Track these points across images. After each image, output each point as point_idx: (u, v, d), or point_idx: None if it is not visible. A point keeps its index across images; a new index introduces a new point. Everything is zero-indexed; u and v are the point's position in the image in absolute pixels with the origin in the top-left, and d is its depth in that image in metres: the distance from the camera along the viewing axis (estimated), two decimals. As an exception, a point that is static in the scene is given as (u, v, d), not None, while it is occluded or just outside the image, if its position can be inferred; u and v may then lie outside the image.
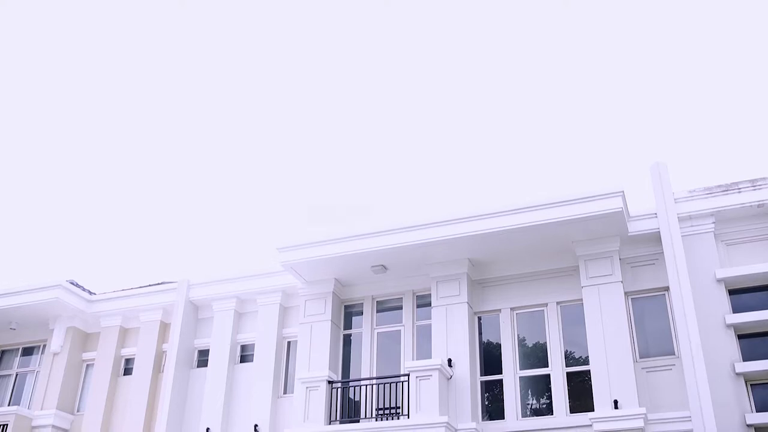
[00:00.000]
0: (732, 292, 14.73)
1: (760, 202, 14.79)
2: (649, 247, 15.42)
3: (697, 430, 13.32)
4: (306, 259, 16.76)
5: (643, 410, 13.87)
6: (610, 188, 14.73)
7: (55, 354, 19.98)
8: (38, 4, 44.96)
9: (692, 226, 15.18)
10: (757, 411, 13.58)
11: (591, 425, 14.19)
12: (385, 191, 47.83)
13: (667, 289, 15.05)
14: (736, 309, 14.49)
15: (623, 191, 14.69)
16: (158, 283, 20.39)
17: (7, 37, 44.04)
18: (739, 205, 14.93)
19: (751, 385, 13.89)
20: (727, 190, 15.06)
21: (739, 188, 14.97)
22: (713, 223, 15.13)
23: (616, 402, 14.12)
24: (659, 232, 15.13)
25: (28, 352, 21.03)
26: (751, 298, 14.57)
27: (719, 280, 14.67)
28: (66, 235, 50.19)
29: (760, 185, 14.84)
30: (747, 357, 14.01)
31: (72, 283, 20.05)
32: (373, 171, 48.61)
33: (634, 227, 15.36)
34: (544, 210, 15.05)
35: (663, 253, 15.01)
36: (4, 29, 43.09)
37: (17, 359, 21.04)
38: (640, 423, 13.81)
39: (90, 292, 20.43)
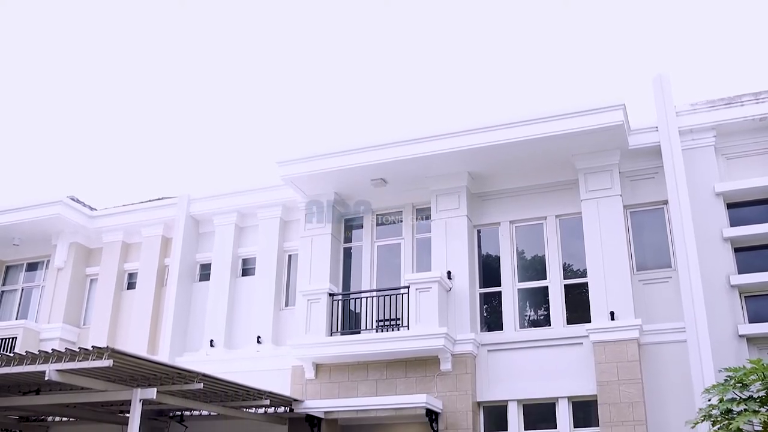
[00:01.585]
0: (730, 206, 14.77)
1: (763, 116, 14.67)
2: (649, 160, 15.38)
3: (691, 341, 13.59)
4: (305, 173, 16.74)
5: (638, 321, 14.12)
6: (611, 101, 14.57)
7: (59, 269, 20.23)
8: None
9: (693, 139, 15.11)
10: (749, 322, 13.84)
11: (587, 336, 14.47)
12: (385, 104, 47.42)
13: (665, 202, 15.10)
14: (734, 222, 14.57)
15: (624, 104, 14.56)
16: (159, 198, 20.45)
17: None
18: (741, 119, 14.82)
19: (745, 297, 14.10)
20: (729, 104, 14.92)
21: (742, 101, 14.83)
22: (714, 136, 15.05)
23: (612, 313, 14.35)
24: (660, 145, 15.07)
25: (32, 267, 21.29)
26: (749, 212, 14.63)
27: (718, 194, 14.70)
28: (67, 151, 50.06)
29: (763, 98, 14.69)
30: (742, 270, 14.17)
31: (73, 199, 20.12)
32: (373, 84, 48.07)
33: (635, 140, 15.28)
34: (544, 123, 14.93)
35: (663, 166, 14.98)
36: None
37: (22, 274, 21.32)
38: (635, 334, 14.08)
39: (91, 208, 20.51)
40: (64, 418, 16.15)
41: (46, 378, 10.69)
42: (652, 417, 13.72)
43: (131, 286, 19.94)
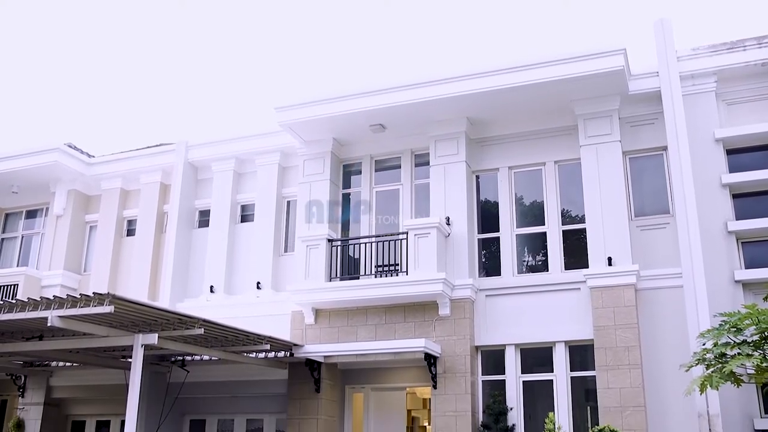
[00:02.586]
0: (730, 152, 14.74)
1: (765, 61, 14.53)
2: (649, 106, 15.29)
3: (687, 287, 13.70)
4: (304, 119, 16.65)
5: (636, 267, 14.21)
6: (611, 46, 14.41)
7: (58, 216, 20.27)
8: None
9: (694, 85, 15.00)
10: (746, 268, 13.94)
11: (585, 281, 14.58)
12: (385, 50, 46.89)
13: (665, 148, 15.06)
14: (733, 169, 14.56)
15: (625, 49, 14.40)
16: (157, 145, 20.37)
17: None
18: (743, 64, 14.69)
19: (741, 243, 14.18)
20: (731, 48, 14.78)
21: (744, 46, 14.67)
22: (715, 82, 14.93)
23: (610, 259, 14.43)
24: (660, 90, 14.95)
25: (31, 214, 21.33)
26: (749, 158, 14.60)
27: (718, 140, 14.66)
28: (64, 98, 49.65)
29: (765, 43, 14.52)
30: (740, 216, 14.22)
31: (70, 146, 20.04)
32: (372, 30, 47.43)
33: (635, 86, 15.17)
34: (544, 68, 14.80)
35: (663, 112, 14.89)
36: None
37: (21, 222, 21.37)
38: (632, 279, 14.18)
39: (89, 155, 20.45)
40: (68, 364, 16.38)
41: (49, 324, 10.79)
42: (648, 361, 13.91)
43: (131, 232, 20.01)
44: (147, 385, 16.06)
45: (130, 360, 12.59)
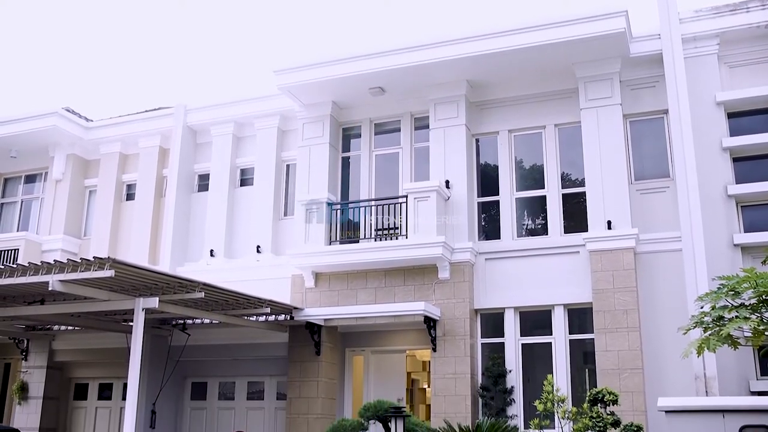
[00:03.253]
0: (731, 116, 14.66)
1: (768, 22, 14.42)
2: (650, 69, 15.16)
3: (686, 250, 13.72)
4: (303, 82, 16.55)
5: (635, 231, 14.22)
6: (612, 8, 14.24)
7: (57, 181, 20.24)
8: None
9: (696, 47, 14.87)
10: (745, 232, 13.96)
11: (584, 245, 14.60)
12: (384, 12, 46.41)
13: (665, 111, 14.98)
14: (734, 132, 14.48)
15: (626, 11, 14.24)
16: (155, 109, 20.25)
17: None
18: (745, 26, 14.53)
19: (741, 207, 14.17)
20: (734, 10, 14.61)
21: (748, 8, 14.50)
22: (717, 44, 14.80)
23: (609, 222, 14.45)
24: (661, 53, 14.82)
25: (30, 179, 21.30)
26: (750, 122, 14.52)
27: (719, 103, 14.57)
28: (62, 62, 49.26)
29: (769, 4, 14.40)
30: (740, 180, 14.18)
31: (68, 110, 19.95)
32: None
33: (636, 48, 15.04)
34: (545, 30, 14.66)
35: (664, 75, 14.78)
36: None
37: (21, 186, 21.36)
38: (631, 243, 14.21)
39: (87, 119, 20.35)
40: (69, 327, 16.48)
41: (50, 288, 10.84)
42: (646, 324, 13.99)
43: (130, 197, 19.99)
44: (148, 349, 16.19)
45: (131, 324, 12.66)
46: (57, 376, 18.71)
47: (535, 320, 15.10)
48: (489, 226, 16.04)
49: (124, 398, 16.73)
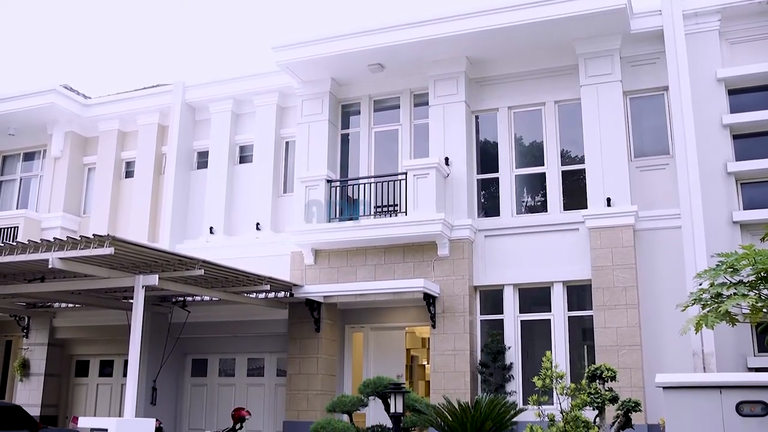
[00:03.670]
0: (731, 92, 14.58)
1: (770, -2, 14.32)
2: (650, 45, 15.07)
3: (686, 227, 13.73)
4: (302, 59, 16.47)
5: (634, 208, 14.22)
6: (613, -16, 14.18)
7: (56, 158, 20.21)
8: None
9: (697, 23, 14.77)
10: (744, 209, 13.95)
11: (583, 222, 14.61)
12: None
13: (666, 88, 14.91)
14: (734, 109, 14.41)
15: (627, -13, 14.18)
16: (154, 86, 20.19)
17: None
18: (747, 2, 14.37)
19: (741, 184, 14.14)
20: (735, -14, 14.52)
21: (752, -18, 14.42)
22: (718, 20, 14.69)
23: (609, 200, 14.44)
24: (662, 29, 14.73)
25: (29, 157, 21.27)
26: (750, 98, 14.44)
27: (719, 80, 14.49)
28: (60, 40, 48.99)
29: (770, -20, 14.29)
30: (740, 157, 14.14)
31: (66, 88, 19.87)
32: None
33: (637, 25, 14.94)
34: (545, 6, 14.56)
35: (665, 51, 14.71)
36: None
37: (19, 164, 21.33)
38: (631, 220, 14.21)
39: (85, 96, 20.28)
40: (70, 305, 16.54)
41: (50, 266, 10.87)
42: (645, 301, 14.03)
43: (129, 174, 19.97)
44: (149, 326, 16.27)
45: (131, 301, 12.72)
46: (58, 353, 18.81)
47: (534, 297, 15.15)
48: (488, 203, 16.04)
49: (125, 375, 16.83)
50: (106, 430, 10.48)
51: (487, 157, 16.24)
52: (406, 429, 12.35)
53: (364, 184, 16.35)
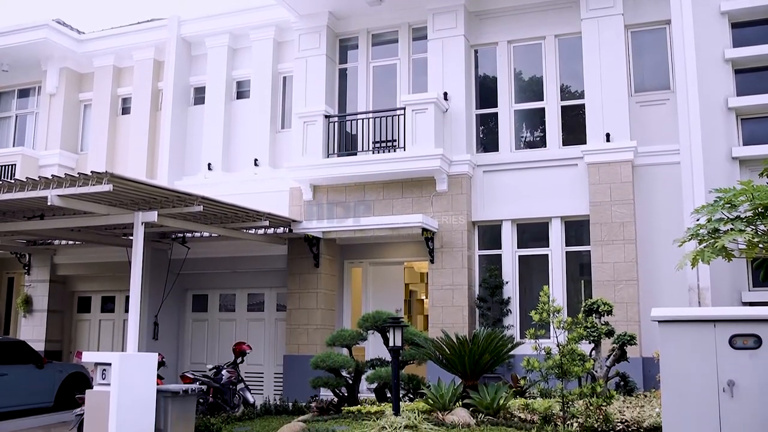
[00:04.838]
0: (735, 26, 14.33)
1: (777, -74, 13.96)
2: (653, -23, 14.83)
3: (684, 163, 13.67)
4: (298, -10, 16.23)
5: (633, 143, 14.17)
6: None
7: (51, 95, 20.04)
8: None
9: (701, -46, 14.49)
10: (744, 144, 13.86)
11: (582, 157, 14.58)
12: None
13: (668, 22, 14.69)
14: (737, 43, 14.15)
15: None
16: (149, 20, 19.89)
17: None
18: (752, -68, 14.11)
19: (741, 119, 14.01)
20: None
21: None
22: (723, -49, 14.43)
23: (608, 135, 14.38)
24: (665, -40, 14.48)
25: (24, 93, 21.09)
26: (754, 32, 14.15)
27: (723, 13, 14.20)
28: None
29: None
30: (741, 92, 13.95)
31: (59, 23, 19.57)
32: None
33: (640, -45, 14.66)
34: (546, -64, 14.28)
35: (667, -17, 14.47)
36: None
37: (14, 101, 21.16)
38: (629, 156, 14.18)
39: (79, 32, 19.99)
40: (70, 242, 16.60)
41: (49, 203, 10.85)
42: (642, 236, 14.10)
43: (126, 111, 19.84)
44: (149, 262, 16.35)
45: (131, 237, 12.75)
46: (60, 289, 18.98)
47: (532, 232, 15.22)
48: (487, 138, 15.97)
49: (126, 311, 17.03)
50: (110, 364, 10.60)
51: (486, 92, 16.11)
52: (405, 362, 12.54)
53: (363, 119, 16.26)
